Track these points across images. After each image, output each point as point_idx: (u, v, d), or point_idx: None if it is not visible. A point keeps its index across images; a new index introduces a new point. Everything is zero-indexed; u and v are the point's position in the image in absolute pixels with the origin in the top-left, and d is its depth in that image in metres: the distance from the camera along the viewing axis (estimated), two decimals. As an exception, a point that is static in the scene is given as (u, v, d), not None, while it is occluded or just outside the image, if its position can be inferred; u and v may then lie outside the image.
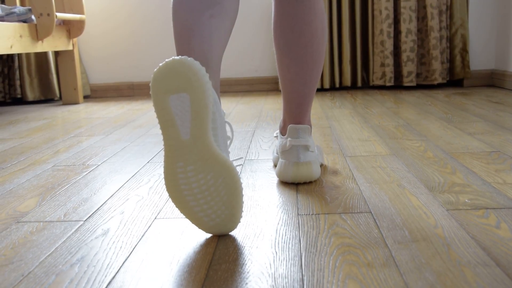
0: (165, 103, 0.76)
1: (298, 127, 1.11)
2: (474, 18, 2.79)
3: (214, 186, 0.78)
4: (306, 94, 1.12)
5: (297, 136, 1.10)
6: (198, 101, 0.75)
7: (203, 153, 0.77)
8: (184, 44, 0.88)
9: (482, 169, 1.14)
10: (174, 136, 0.77)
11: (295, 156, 1.09)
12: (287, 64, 1.09)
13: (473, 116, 1.82)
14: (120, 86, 3.07)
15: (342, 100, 2.44)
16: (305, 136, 1.11)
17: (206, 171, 0.77)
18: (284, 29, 1.07)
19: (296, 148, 1.09)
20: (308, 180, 1.09)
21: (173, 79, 0.75)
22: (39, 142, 1.72)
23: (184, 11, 0.89)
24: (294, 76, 1.10)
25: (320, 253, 0.74)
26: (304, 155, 1.09)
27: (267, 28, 2.98)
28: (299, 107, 1.12)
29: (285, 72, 1.11)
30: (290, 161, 1.09)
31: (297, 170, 1.08)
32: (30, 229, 0.90)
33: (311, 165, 1.09)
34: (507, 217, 0.85)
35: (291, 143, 1.10)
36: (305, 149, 1.10)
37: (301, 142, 1.09)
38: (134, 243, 0.82)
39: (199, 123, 0.76)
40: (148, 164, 1.33)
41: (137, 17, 3.02)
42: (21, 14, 2.36)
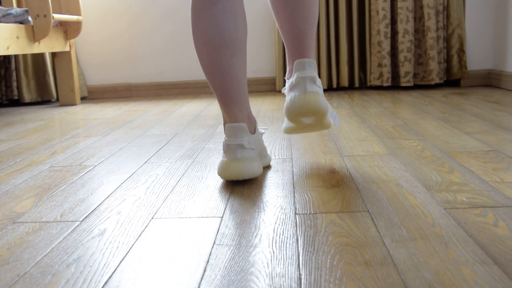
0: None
1: (304, 60, 1.14)
2: (471, 18, 2.80)
3: None
4: (306, 29, 1.15)
5: (303, 68, 1.13)
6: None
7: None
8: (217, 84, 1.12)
9: (480, 168, 1.14)
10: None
11: (302, 86, 1.11)
12: (282, 5, 1.14)
13: (470, 116, 1.82)
14: (117, 87, 3.07)
15: (340, 101, 2.44)
16: (311, 69, 1.13)
17: None
18: None
19: (303, 79, 1.12)
20: (316, 110, 1.11)
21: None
22: (36, 143, 1.72)
23: (208, 53, 1.09)
24: (290, 14, 1.14)
25: (318, 252, 0.74)
26: (311, 86, 1.11)
27: (264, 30, 2.98)
28: (301, 43, 1.16)
29: (281, 13, 1.15)
30: (298, 91, 1.12)
31: (305, 98, 1.10)
32: (26, 230, 0.89)
33: (319, 95, 1.11)
34: (505, 215, 0.85)
35: (298, 75, 1.12)
36: (312, 81, 1.12)
37: (308, 73, 1.12)
38: (131, 243, 0.81)
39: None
40: (145, 165, 1.33)
41: (134, 18, 3.02)
42: (17, 15, 2.35)
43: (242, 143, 1.10)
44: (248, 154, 1.11)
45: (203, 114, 2.19)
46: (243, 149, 1.10)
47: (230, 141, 1.11)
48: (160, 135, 1.74)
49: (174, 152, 1.47)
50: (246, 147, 1.11)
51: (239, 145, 1.10)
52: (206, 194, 1.05)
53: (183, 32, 3.02)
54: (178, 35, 3.02)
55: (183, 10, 3.00)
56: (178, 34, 3.02)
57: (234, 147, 1.10)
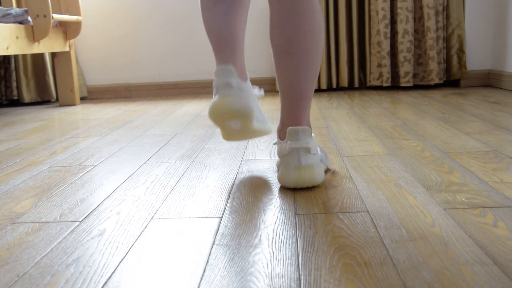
0: (223, 123, 1.15)
1: (298, 128, 1.06)
2: (470, 19, 2.80)
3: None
4: (306, 90, 1.08)
5: (297, 138, 1.05)
6: (245, 121, 1.15)
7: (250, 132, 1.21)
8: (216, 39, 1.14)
9: (479, 168, 1.14)
10: (230, 130, 1.17)
11: (296, 160, 1.04)
12: (285, 61, 1.07)
13: (470, 116, 1.82)
14: (117, 88, 3.07)
15: (339, 101, 2.44)
16: (305, 138, 1.06)
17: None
18: (283, 26, 1.05)
19: (297, 151, 1.04)
20: (311, 185, 1.04)
21: (226, 115, 1.11)
22: (36, 143, 1.72)
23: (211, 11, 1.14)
24: (293, 72, 1.06)
25: (317, 253, 0.74)
26: (305, 158, 1.04)
27: (263, 30, 2.98)
28: (299, 105, 1.08)
29: (283, 68, 1.08)
30: (291, 165, 1.04)
31: (299, 175, 1.03)
32: (25, 230, 0.89)
33: (314, 168, 1.04)
34: (504, 215, 0.85)
35: (291, 146, 1.05)
36: (306, 151, 1.05)
37: (302, 144, 1.05)
38: (130, 243, 0.81)
39: (246, 125, 1.17)
40: (145, 165, 1.33)
41: (134, 18, 3.02)
42: (17, 15, 2.35)
43: (230, 82, 1.09)
44: (236, 92, 1.10)
45: (203, 114, 2.19)
46: (230, 88, 1.09)
47: (218, 81, 1.10)
48: (159, 135, 1.74)
49: (173, 152, 1.47)
50: (234, 86, 1.10)
51: (226, 83, 1.09)
52: (206, 194, 1.05)
53: (183, 32, 3.02)
54: (179, 35, 3.02)
55: (183, 11, 3.00)
56: (179, 35, 3.02)
57: (222, 86, 1.09)
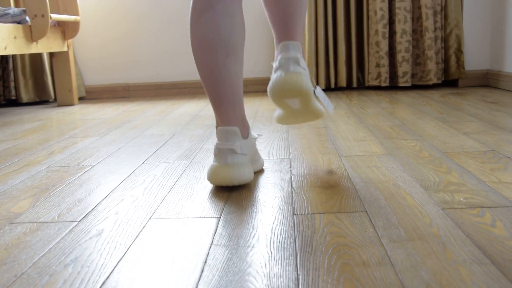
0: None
1: (289, 42, 1.14)
2: (468, 19, 2.80)
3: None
4: (293, 13, 1.16)
5: (287, 50, 1.14)
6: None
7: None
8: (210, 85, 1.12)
9: (477, 168, 1.14)
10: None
11: (286, 67, 1.12)
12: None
13: (468, 116, 1.83)
14: (116, 88, 3.06)
15: (338, 101, 2.44)
16: (295, 51, 1.14)
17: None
18: None
19: (287, 60, 1.13)
20: (297, 89, 1.11)
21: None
22: (34, 143, 1.72)
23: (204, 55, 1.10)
24: (282, 1, 1.16)
25: (316, 253, 0.74)
26: (294, 67, 1.12)
27: (261, 30, 2.98)
28: (288, 26, 1.16)
29: (271, 2, 1.17)
30: (281, 71, 1.12)
31: (286, 78, 1.11)
32: (23, 230, 0.89)
33: (301, 75, 1.11)
34: (502, 215, 0.85)
35: (282, 56, 1.13)
36: (296, 62, 1.13)
37: (291, 54, 1.13)
38: (128, 243, 0.81)
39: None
40: (143, 165, 1.33)
41: (132, 18, 3.01)
42: (15, 15, 2.35)
43: (234, 148, 1.07)
44: (239, 160, 1.08)
45: (201, 115, 2.19)
46: (234, 154, 1.08)
47: (221, 145, 1.08)
48: (158, 136, 1.74)
49: (172, 152, 1.47)
50: (238, 152, 1.08)
51: (230, 150, 1.08)
52: (204, 195, 1.05)
53: (181, 32, 3.02)
54: (177, 35, 3.02)
55: (181, 11, 3.00)
56: (177, 34, 3.02)
57: (225, 151, 1.08)
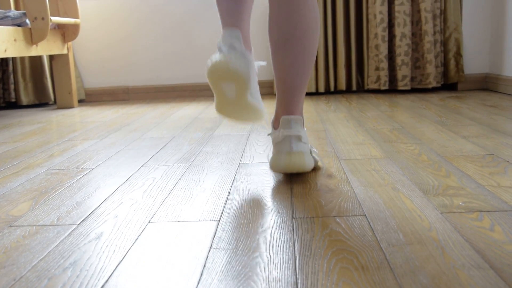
0: (218, 86, 1.16)
1: (291, 117, 1.14)
2: (467, 22, 2.81)
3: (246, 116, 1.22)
4: (300, 85, 1.15)
5: (289, 126, 1.13)
6: (240, 87, 1.15)
7: (242, 106, 1.19)
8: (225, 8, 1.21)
9: (476, 172, 1.14)
10: (224, 97, 1.18)
11: (288, 146, 1.12)
12: (282, 56, 1.14)
13: (467, 120, 1.83)
14: (115, 90, 3.07)
15: (337, 104, 2.44)
16: (297, 127, 1.14)
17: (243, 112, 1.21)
18: (280, 22, 1.13)
19: (289, 138, 1.13)
20: (300, 171, 1.12)
21: (223, 74, 1.13)
22: (33, 146, 1.72)
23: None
24: (288, 67, 1.14)
25: (315, 256, 0.74)
26: (296, 145, 1.12)
27: (261, 33, 2.99)
28: (293, 98, 1.16)
29: (280, 63, 1.15)
30: (283, 151, 1.12)
31: (290, 159, 1.10)
32: (22, 233, 0.89)
33: (304, 155, 1.12)
34: (501, 219, 0.85)
35: (284, 133, 1.13)
36: (298, 139, 1.13)
37: (294, 132, 1.13)
38: (127, 246, 0.81)
39: (241, 93, 1.16)
40: (143, 168, 1.33)
41: (132, 21, 3.02)
42: (15, 18, 2.35)
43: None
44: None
45: (201, 117, 2.19)
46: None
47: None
48: (157, 138, 1.74)
49: (171, 155, 1.47)
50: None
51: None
52: (203, 198, 1.05)
53: (181, 35, 3.02)
54: (177, 38, 3.02)
55: (181, 13, 3.00)
56: (177, 37, 3.02)
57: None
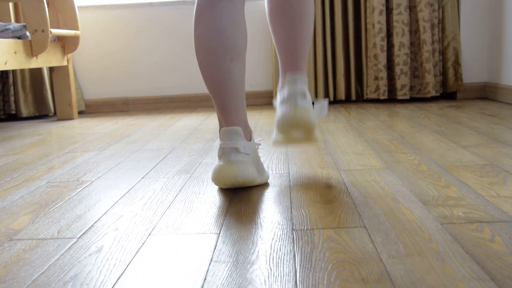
0: (227, 186, 1.15)
1: (296, 74, 1.19)
2: (465, 32, 2.82)
3: None
4: (301, 45, 1.22)
5: (295, 83, 1.18)
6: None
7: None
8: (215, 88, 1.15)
9: (476, 182, 1.15)
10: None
11: (293, 101, 1.16)
12: (281, 22, 1.22)
13: (466, 129, 1.83)
14: (115, 102, 3.07)
15: (337, 114, 2.45)
16: (302, 84, 1.19)
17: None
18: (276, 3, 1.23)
19: (294, 94, 1.17)
20: (305, 125, 1.16)
21: (232, 182, 1.13)
22: (33, 158, 1.72)
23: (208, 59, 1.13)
24: (287, 31, 1.21)
25: (315, 269, 0.74)
26: (302, 101, 1.16)
27: (261, 44, 3.00)
28: (295, 57, 1.21)
29: (279, 29, 1.23)
30: (289, 106, 1.16)
31: (295, 113, 1.15)
32: (23, 247, 0.89)
33: (308, 111, 1.16)
34: (501, 230, 0.85)
35: (290, 90, 1.18)
36: (303, 96, 1.17)
37: (299, 89, 1.17)
38: (128, 260, 0.81)
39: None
40: (143, 180, 1.33)
41: (132, 32, 3.03)
42: (15, 30, 2.36)
43: (237, 147, 1.12)
44: (243, 158, 1.12)
45: (201, 128, 2.20)
46: (237, 153, 1.11)
47: (225, 145, 1.12)
48: (157, 150, 1.74)
49: (171, 167, 1.47)
50: (241, 151, 1.12)
51: (233, 149, 1.12)
52: (204, 210, 1.05)
53: (180, 46, 3.03)
54: (176, 48, 3.04)
55: (180, 24, 3.02)
56: (176, 48, 3.04)
57: (229, 150, 1.12)
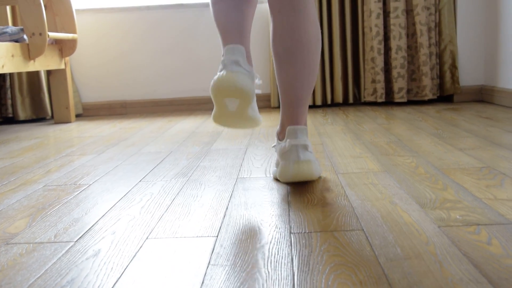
0: (222, 100, 1.13)
1: (297, 127, 1.18)
2: (462, 35, 2.83)
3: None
4: (304, 96, 1.20)
5: (296, 136, 1.17)
6: (243, 102, 1.12)
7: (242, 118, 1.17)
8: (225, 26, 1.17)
9: (473, 185, 1.15)
10: (225, 110, 1.16)
11: (295, 155, 1.15)
12: (286, 69, 1.18)
13: (463, 132, 1.84)
14: (113, 105, 3.07)
15: (334, 117, 2.45)
16: (303, 136, 1.18)
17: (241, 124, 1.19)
18: (283, 37, 1.17)
19: (296, 147, 1.16)
20: (309, 178, 1.16)
21: (229, 91, 1.10)
22: (30, 161, 1.71)
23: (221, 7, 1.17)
24: (292, 80, 1.18)
25: (313, 272, 0.74)
26: (304, 154, 1.16)
27: (259, 48, 3.00)
28: (297, 108, 1.20)
29: (284, 76, 1.19)
30: (290, 160, 1.15)
31: (298, 168, 1.14)
32: (19, 251, 0.89)
33: (311, 163, 1.16)
34: (498, 233, 0.85)
35: (291, 143, 1.16)
36: (304, 148, 1.17)
37: (300, 141, 1.16)
38: (125, 264, 0.81)
39: (242, 108, 1.13)
40: (140, 183, 1.33)
41: (129, 35, 3.03)
42: (13, 34, 2.36)
43: (239, 60, 1.12)
44: (243, 71, 1.12)
45: (198, 131, 2.20)
46: (238, 66, 1.12)
47: (227, 58, 1.12)
48: (155, 153, 1.74)
49: (169, 170, 1.47)
50: (242, 65, 1.13)
51: (235, 61, 1.12)
52: (201, 213, 1.05)
53: (178, 49, 3.04)
54: (173, 52, 3.04)
55: (178, 28, 3.02)
56: (173, 51, 3.04)
57: (230, 62, 1.13)
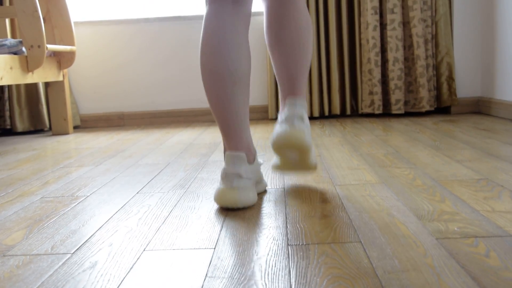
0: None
1: (296, 98, 1.24)
2: (459, 47, 2.85)
3: None
4: (300, 73, 1.27)
5: (294, 107, 1.23)
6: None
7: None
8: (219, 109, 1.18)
9: (471, 196, 1.15)
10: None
11: (291, 123, 1.21)
12: (279, 52, 1.26)
13: (461, 143, 1.84)
14: (110, 116, 3.07)
15: (332, 128, 2.45)
16: (301, 108, 1.23)
17: None
18: (272, 24, 1.27)
19: (293, 116, 1.22)
20: (300, 146, 1.20)
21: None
22: (28, 173, 1.71)
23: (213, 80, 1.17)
24: (286, 59, 1.26)
25: (310, 284, 0.74)
26: (299, 124, 1.21)
27: (257, 60, 3.02)
28: (294, 83, 1.27)
29: (277, 58, 1.27)
30: (285, 125, 1.21)
31: (290, 133, 1.19)
32: (16, 263, 0.88)
33: (304, 133, 1.20)
34: (496, 245, 0.85)
35: (289, 112, 1.22)
36: (300, 119, 1.22)
37: (297, 112, 1.22)
38: (122, 275, 0.81)
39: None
40: (138, 195, 1.33)
41: (127, 47, 3.04)
42: (12, 46, 2.37)
43: (240, 173, 1.15)
44: (245, 184, 1.15)
45: (196, 143, 2.20)
46: (240, 179, 1.15)
47: (228, 170, 1.16)
48: (152, 165, 1.74)
49: (166, 182, 1.47)
50: (243, 176, 1.15)
51: (236, 174, 1.15)
52: (199, 225, 1.05)
53: (176, 61, 3.05)
54: (171, 63, 3.05)
55: (176, 40, 3.03)
56: (171, 63, 3.05)
57: (232, 175, 1.15)
